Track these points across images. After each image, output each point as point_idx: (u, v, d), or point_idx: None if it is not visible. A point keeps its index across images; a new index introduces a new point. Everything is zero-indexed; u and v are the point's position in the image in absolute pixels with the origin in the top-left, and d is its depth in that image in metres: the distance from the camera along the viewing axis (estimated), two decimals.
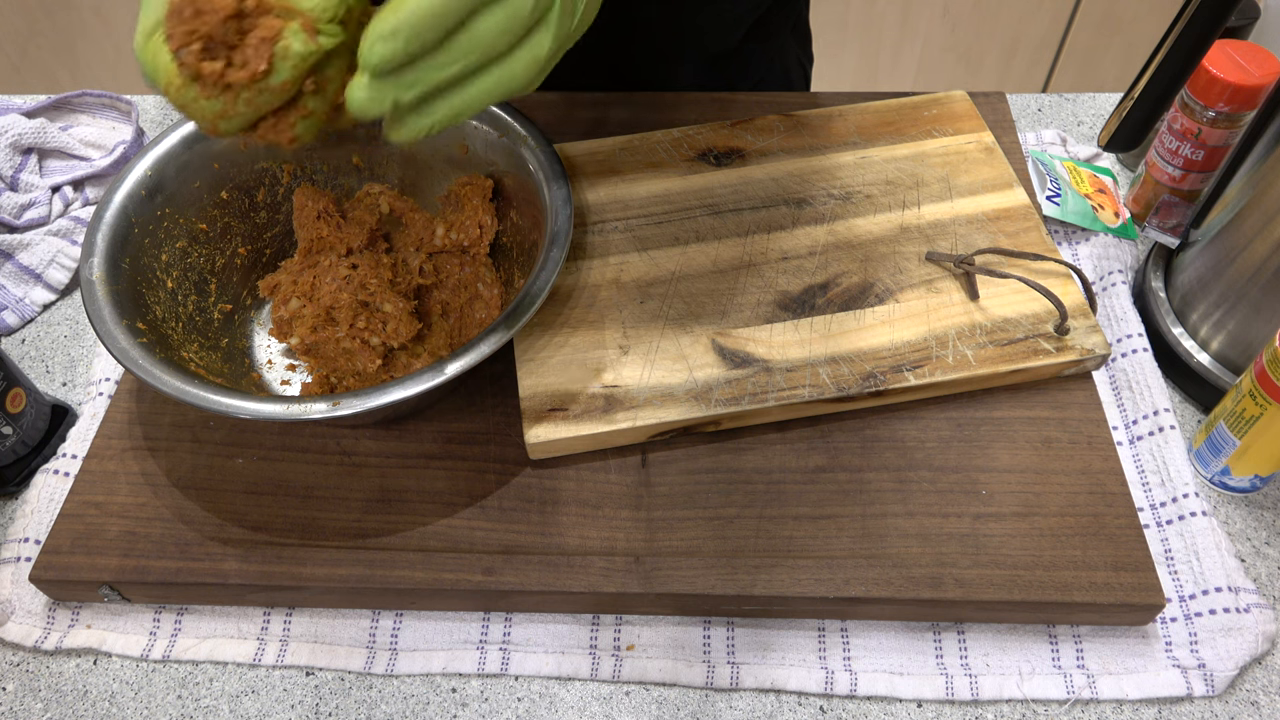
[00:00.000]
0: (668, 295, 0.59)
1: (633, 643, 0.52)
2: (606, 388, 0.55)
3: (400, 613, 0.54)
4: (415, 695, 0.51)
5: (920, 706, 0.50)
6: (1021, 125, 0.78)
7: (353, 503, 0.54)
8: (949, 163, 0.66)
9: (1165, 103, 0.55)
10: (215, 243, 0.61)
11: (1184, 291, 0.62)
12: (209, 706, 0.51)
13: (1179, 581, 0.52)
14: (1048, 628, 0.52)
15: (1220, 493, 0.57)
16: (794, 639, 0.52)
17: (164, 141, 0.59)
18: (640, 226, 0.63)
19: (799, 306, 0.59)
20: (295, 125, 0.41)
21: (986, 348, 0.56)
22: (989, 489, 0.53)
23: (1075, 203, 0.66)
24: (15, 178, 0.72)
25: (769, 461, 0.55)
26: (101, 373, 0.62)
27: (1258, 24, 0.69)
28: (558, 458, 0.55)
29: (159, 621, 0.54)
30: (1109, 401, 0.60)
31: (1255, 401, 0.52)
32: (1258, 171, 0.56)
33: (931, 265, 0.60)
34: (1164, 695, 0.50)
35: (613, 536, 0.52)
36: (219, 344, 0.59)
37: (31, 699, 0.52)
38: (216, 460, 0.56)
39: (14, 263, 0.69)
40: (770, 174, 0.66)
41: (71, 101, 0.78)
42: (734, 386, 0.55)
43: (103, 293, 0.53)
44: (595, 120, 0.70)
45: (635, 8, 0.70)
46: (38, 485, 0.57)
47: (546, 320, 0.58)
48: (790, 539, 0.52)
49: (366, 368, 0.57)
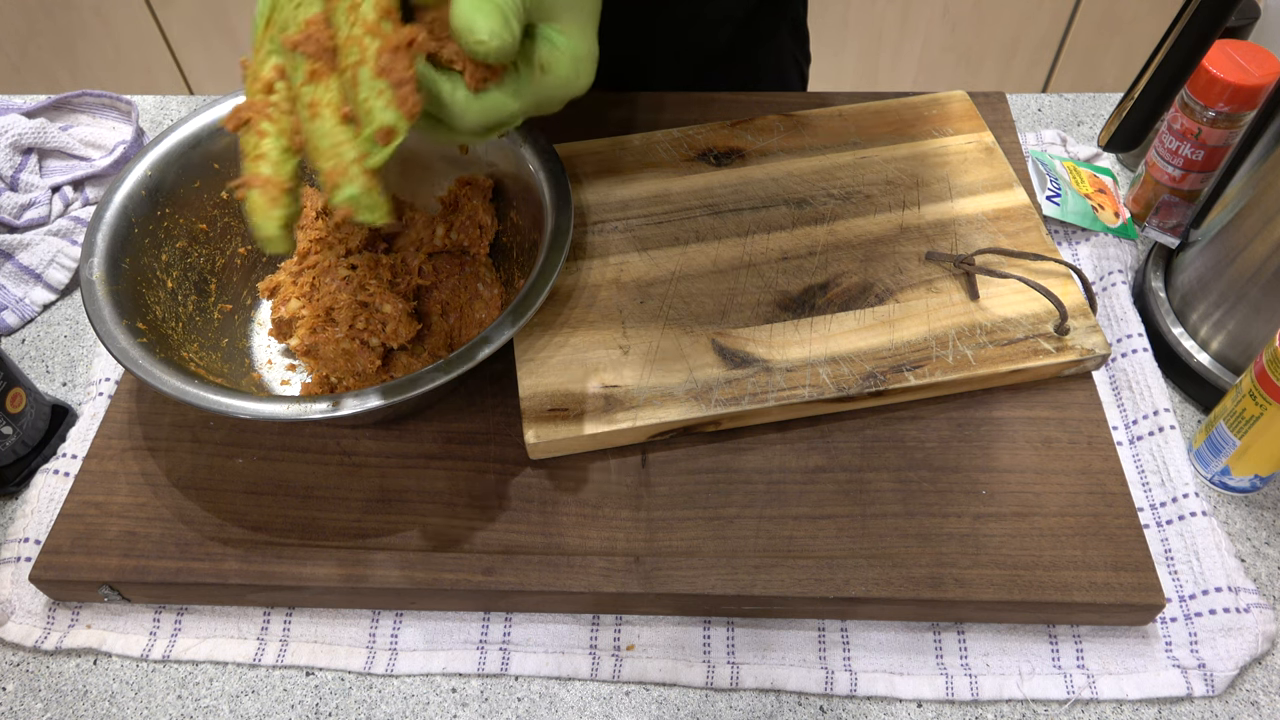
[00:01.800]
0: (668, 295, 0.59)
1: (633, 643, 0.52)
2: (606, 388, 0.55)
3: (400, 613, 0.54)
4: (415, 695, 0.51)
5: (920, 706, 0.50)
6: (1021, 125, 0.78)
7: (353, 503, 0.54)
8: (949, 163, 0.66)
9: (1165, 103, 0.55)
10: (215, 243, 0.61)
11: (1184, 291, 0.62)
12: (209, 706, 0.51)
13: (1179, 581, 0.52)
14: (1048, 628, 0.52)
15: (1220, 493, 0.57)
16: (794, 639, 0.52)
17: (164, 141, 0.59)
18: (640, 226, 0.63)
19: (799, 306, 0.59)
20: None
21: (986, 348, 0.56)
22: (989, 489, 0.53)
23: (1075, 203, 0.66)
24: (15, 178, 0.72)
25: (769, 461, 0.55)
26: (101, 373, 0.62)
27: (1258, 24, 0.69)
28: (558, 458, 0.55)
29: (159, 621, 0.54)
30: (1109, 401, 0.60)
31: (1255, 401, 0.52)
32: (1258, 171, 0.56)
33: (931, 265, 0.60)
34: (1164, 695, 0.50)
35: (613, 536, 0.52)
36: (219, 344, 0.59)
37: (31, 699, 0.52)
38: (216, 460, 0.56)
39: (14, 263, 0.69)
40: (770, 174, 0.66)
41: (71, 101, 0.78)
42: (734, 386, 0.55)
43: (103, 293, 0.53)
44: (595, 120, 0.70)
45: (629, 8, 0.70)
46: (38, 485, 0.57)
47: (546, 320, 0.58)
48: (790, 539, 0.52)
49: (366, 368, 0.57)
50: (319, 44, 0.39)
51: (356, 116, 0.38)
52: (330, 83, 0.39)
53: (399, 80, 0.38)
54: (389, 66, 0.38)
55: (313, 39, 0.39)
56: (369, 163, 0.38)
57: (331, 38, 0.39)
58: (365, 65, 0.38)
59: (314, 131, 0.39)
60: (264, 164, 0.40)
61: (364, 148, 0.38)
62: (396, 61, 0.38)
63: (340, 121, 0.39)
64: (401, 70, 0.38)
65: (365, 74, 0.38)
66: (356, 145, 0.38)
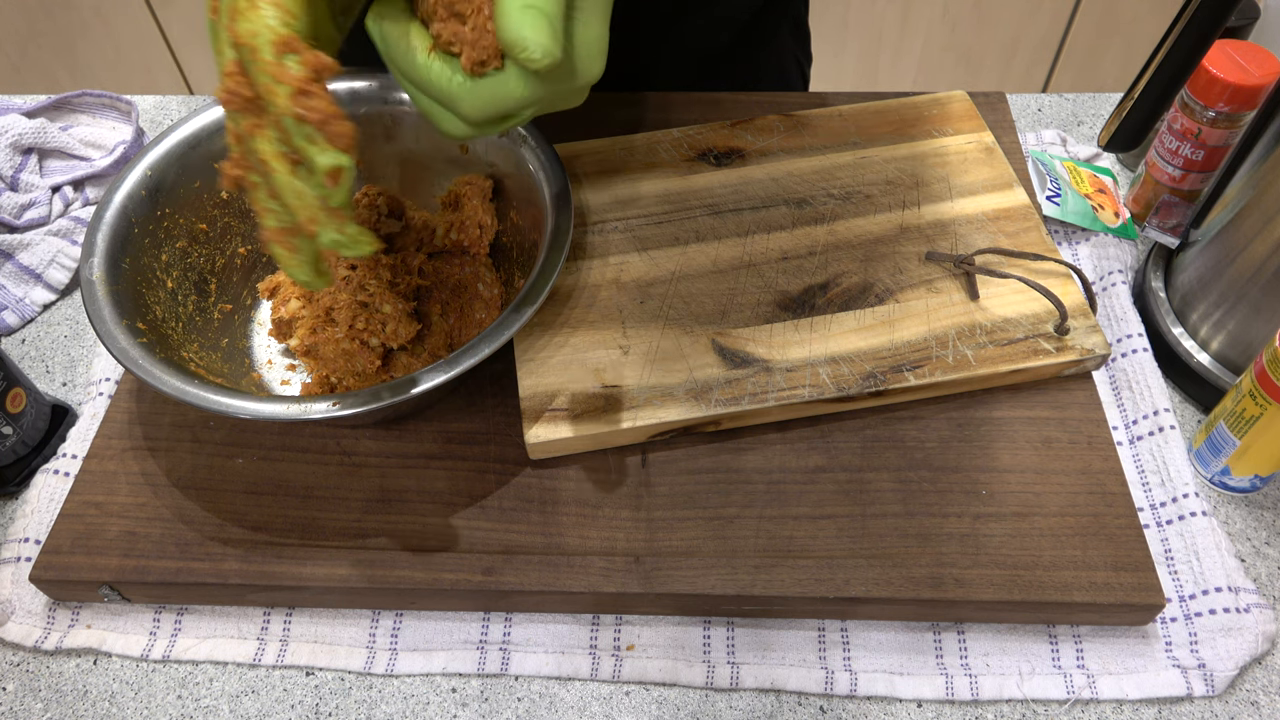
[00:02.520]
0: (668, 295, 0.59)
1: (633, 643, 0.52)
2: (606, 388, 0.55)
3: (400, 613, 0.54)
4: (415, 695, 0.51)
5: (920, 706, 0.50)
6: (1021, 125, 0.78)
7: (353, 503, 0.54)
8: (949, 163, 0.66)
9: (1165, 103, 0.55)
10: (215, 243, 0.61)
11: (1184, 291, 0.62)
12: (209, 706, 0.51)
13: (1179, 581, 0.52)
14: (1048, 628, 0.52)
15: (1220, 493, 0.57)
16: (794, 639, 0.52)
17: (164, 141, 0.59)
18: (640, 226, 0.63)
19: (799, 306, 0.59)
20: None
21: (986, 348, 0.56)
22: (989, 489, 0.53)
23: (1075, 203, 0.66)
24: (15, 178, 0.72)
25: (769, 461, 0.55)
26: (101, 373, 0.62)
27: (1258, 24, 0.69)
28: (558, 458, 0.55)
29: (159, 621, 0.54)
30: (1109, 401, 0.60)
31: (1255, 401, 0.52)
32: (1258, 171, 0.56)
33: (931, 265, 0.60)
34: (1164, 695, 0.50)
35: (613, 536, 0.52)
36: (219, 344, 0.59)
37: (31, 699, 0.52)
38: (216, 460, 0.56)
39: (14, 263, 0.69)
40: (770, 174, 0.66)
41: (71, 101, 0.78)
42: (734, 386, 0.55)
43: (103, 293, 0.53)
44: (595, 120, 0.70)
45: (630, 8, 0.70)
46: (38, 485, 0.57)
47: (546, 320, 0.58)
48: (790, 539, 0.52)
49: (366, 368, 0.57)
50: (242, 98, 0.37)
51: (302, 161, 0.37)
52: (268, 133, 0.37)
53: (320, 119, 0.36)
54: (305, 108, 0.36)
55: (235, 94, 0.37)
56: (331, 203, 0.37)
57: (250, 86, 0.37)
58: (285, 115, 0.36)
59: (275, 185, 0.38)
60: (269, 218, 0.39)
61: (319, 192, 0.37)
62: (310, 101, 0.36)
63: (291, 170, 0.37)
64: (320, 107, 0.36)
65: (288, 122, 0.36)
66: (311, 193, 0.37)
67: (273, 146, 0.37)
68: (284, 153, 0.37)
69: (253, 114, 0.38)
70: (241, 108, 0.38)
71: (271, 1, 0.36)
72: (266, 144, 0.38)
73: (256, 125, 0.38)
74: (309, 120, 0.36)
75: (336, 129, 0.36)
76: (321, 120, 0.36)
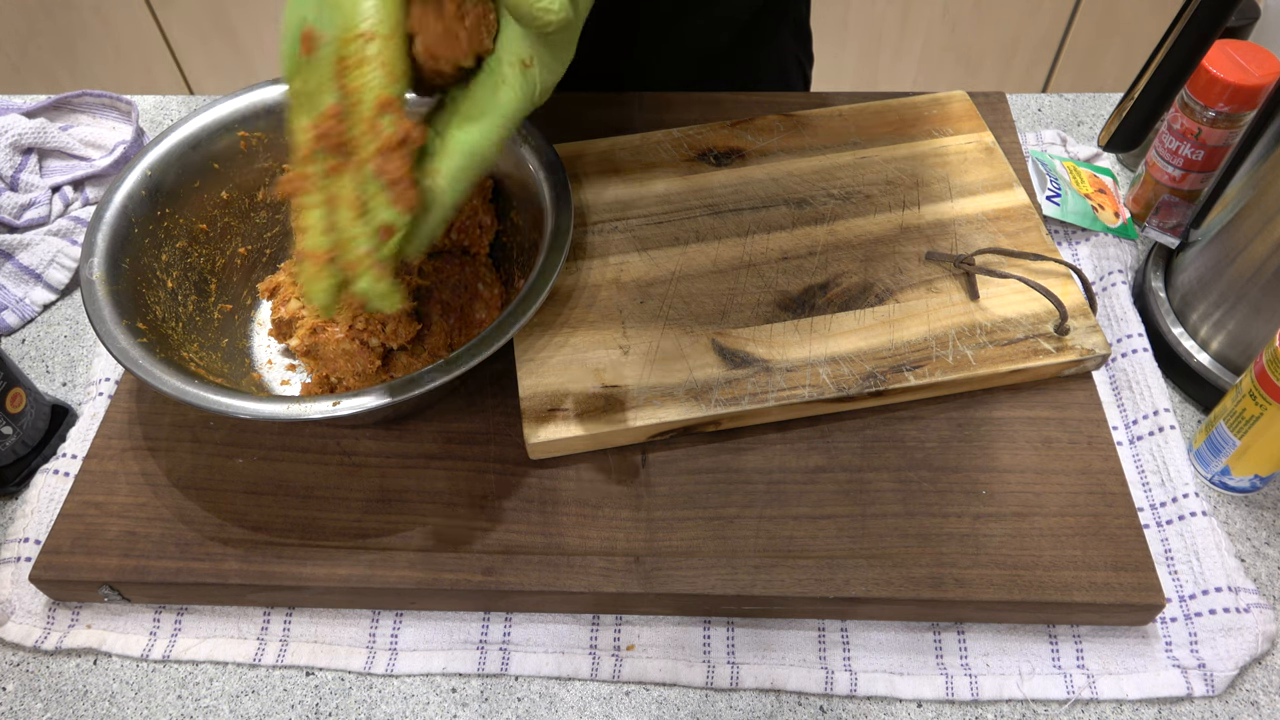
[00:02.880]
0: (668, 295, 0.59)
1: (633, 643, 0.52)
2: (606, 388, 0.55)
3: (400, 613, 0.54)
4: (415, 695, 0.51)
5: (920, 706, 0.50)
6: (1021, 125, 0.78)
7: (353, 503, 0.54)
8: (949, 163, 0.66)
9: (1165, 103, 0.55)
10: (215, 243, 0.61)
11: (1184, 291, 0.62)
12: (209, 706, 0.51)
13: (1179, 581, 0.52)
14: (1048, 628, 0.52)
15: (1220, 493, 0.57)
16: (794, 639, 0.52)
17: (164, 141, 0.59)
18: (640, 226, 0.63)
19: (799, 306, 0.59)
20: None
21: (986, 348, 0.56)
22: (989, 489, 0.53)
23: (1075, 203, 0.66)
24: (15, 178, 0.72)
25: (769, 461, 0.55)
26: (101, 373, 0.62)
27: (1258, 24, 0.69)
28: (558, 458, 0.55)
29: (159, 621, 0.54)
30: (1109, 401, 0.60)
31: (1255, 401, 0.52)
32: (1258, 171, 0.56)
33: (931, 265, 0.60)
34: (1164, 695, 0.50)
35: (613, 536, 0.52)
36: (219, 344, 0.59)
37: (31, 699, 0.52)
38: (216, 460, 0.56)
39: (14, 263, 0.69)
40: (770, 174, 0.66)
41: (71, 101, 0.78)
42: (734, 386, 0.55)
43: (103, 293, 0.53)
44: (595, 120, 0.70)
45: (629, 8, 0.70)
46: (38, 485, 0.57)
47: (546, 320, 0.58)
48: (790, 539, 0.52)
49: (366, 368, 0.57)
50: (334, 141, 0.40)
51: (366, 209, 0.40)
52: (346, 178, 0.40)
53: (392, 180, 0.39)
54: (383, 167, 0.39)
55: (328, 136, 0.40)
56: (377, 256, 0.40)
57: (345, 132, 0.40)
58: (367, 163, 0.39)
59: (335, 223, 0.40)
60: (308, 236, 0.41)
61: (371, 243, 0.40)
62: (389, 162, 0.39)
63: (356, 215, 0.40)
64: (395, 169, 0.39)
65: (368, 170, 0.39)
66: (366, 240, 0.40)
67: (347, 190, 0.40)
68: (359, 198, 0.40)
69: (339, 156, 0.40)
70: (332, 148, 0.40)
71: (382, 63, 0.38)
72: (341, 187, 0.40)
73: (337, 167, 0.40)
74: (383, 178, 0.39)
75: (403, 193, 0.39)
76: (393, 181, 0.39)
